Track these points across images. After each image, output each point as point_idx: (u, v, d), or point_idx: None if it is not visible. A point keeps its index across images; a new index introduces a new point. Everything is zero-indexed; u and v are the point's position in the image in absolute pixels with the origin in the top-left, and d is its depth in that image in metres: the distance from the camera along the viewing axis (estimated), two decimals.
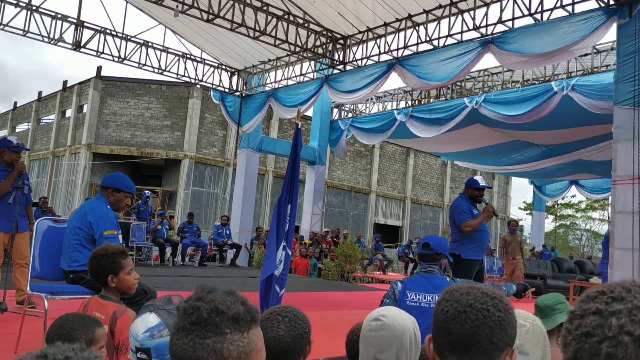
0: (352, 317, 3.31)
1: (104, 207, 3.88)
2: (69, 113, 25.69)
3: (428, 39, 9.79)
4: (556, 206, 43.85)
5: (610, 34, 8.03)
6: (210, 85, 14.61)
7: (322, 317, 6.16)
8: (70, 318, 2.17)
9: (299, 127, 3.85)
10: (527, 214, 42.38)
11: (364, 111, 15.02)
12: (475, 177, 6.25)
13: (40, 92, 29.19)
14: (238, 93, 14.64)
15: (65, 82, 26.65)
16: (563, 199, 28.77)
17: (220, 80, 14.64)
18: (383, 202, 30.48)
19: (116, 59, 12.70)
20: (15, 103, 32.18)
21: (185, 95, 23.42)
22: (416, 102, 13.31)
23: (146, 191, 14.07)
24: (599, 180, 18.23)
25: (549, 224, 43.59)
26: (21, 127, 31.01)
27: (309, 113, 16.13)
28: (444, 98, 12.48)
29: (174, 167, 23.66)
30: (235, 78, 14.80)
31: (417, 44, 9.93)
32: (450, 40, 9.52)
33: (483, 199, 6.20)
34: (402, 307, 3.26)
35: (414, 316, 3.40)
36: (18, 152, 5.23)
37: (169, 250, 13.02)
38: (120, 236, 3.96)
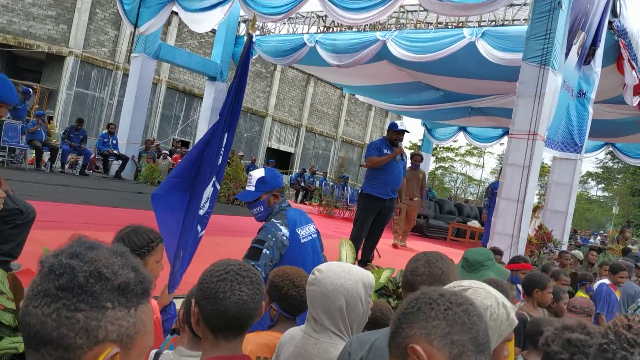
0: (245, 244, 3.10)
1: None
2: None
3: None
4: (438, 149, 46.24)
5: None
6: None
7: (216, 242, 5.94)
8: None
9: (253, 39, 2.94)
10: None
11: (272, 30, 14.37)
12: (396, 121, 6.61)
13: None
14: None
15: None
16: (454, 142, 30.25)
17: None
18: (278, 127, 30.24)
19: None
20: None
21: None
22: (329, 28, 12.91)
23: (27, 88, 12.64)
24: (486, 130, 19.24)
25: (430, 164, 46.13)
26: None
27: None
28: (356, 29, 12.19)
29: (57, 63, 21.55)
30: None
31: None
32: None
33: (399, 143, 6.45)
34: (298, 248, 3.08)
35: (310, 250, 3.23)
36: None
37: (47, 155, 11.94)
38: None
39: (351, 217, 14.08)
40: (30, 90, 12.34)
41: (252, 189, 3.09)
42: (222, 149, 2.82)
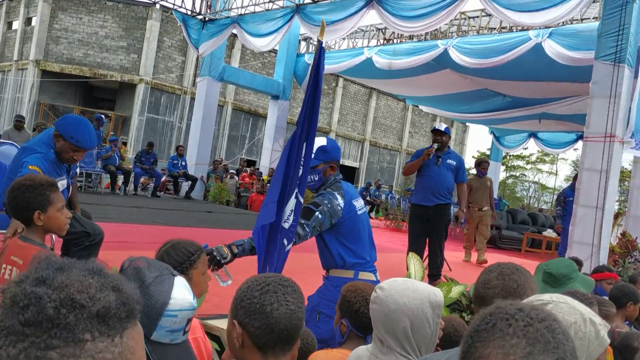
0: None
1: (43, 147, 3.18)
2: (15, 25, 23.91)
3: None
4: (508, 157, 44.83)
5: None
6: (172, 5, 13.68)
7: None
8: None
9: (323, 45, 2.81)
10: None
11: (332, 46, 14.45)
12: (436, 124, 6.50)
13: None
14: (201, 16, 13.77)
15: None
16: (525, 149, 29.13)
17: (182, 0, 13.70)
18: (342, 142, 30.28)
19: None
20: None
21: (143, 16, 22.10)
22: (389, 40, 12.84)
23: (101, 115, 13.28)
24: (558, 135, 18.43)
25: (500, 174, 44.73)
26: None
27: None
28: (417, 39, 12.05)
29: (129, 91, 22.58)
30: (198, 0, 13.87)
31: None
32: None
33: (435, 144, 6.29)
34: (355, 219, 2.99)
35: (365, 222, 3.07)
36: None
37: (120, 178, 12.45)
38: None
39: None
40: (103, 117, 12.94)
41: (312, 156, 2.94)
42: (302, 160, 2.72)
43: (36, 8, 22.10)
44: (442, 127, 6.36)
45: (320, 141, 3.06)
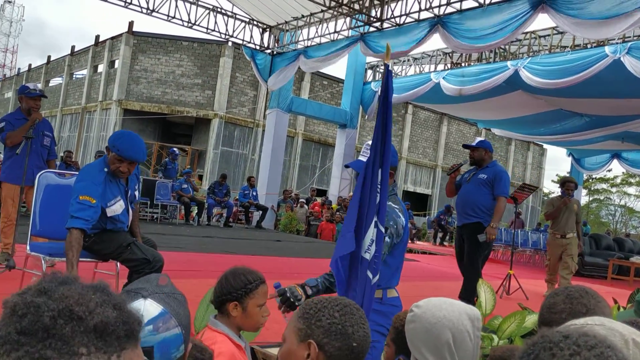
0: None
1: (93, 170, 3.32)
2: (100, 68, 25.60)
3: None
4: (590, 180, 42.67)
5: None
6: (241, 42, 14.18)
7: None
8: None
9: (389, 67, 2.67)
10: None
11: (399, 73, 14.40)
12: None
13: (73, 47, 29.11)
14: (269, 50, 14.16)
15: (97, 37, 26.48)
16: (608, 172, 27.58)
17: (251, 36, 14.17)
18: (413, 170, 29.92)
19: (145, 11, 12.32)
20: (49, 57, 32.22)
21: (216, 54, 23.02)
22: (456, 64, 12.64)
23: (174, 148, 13.86)
24: None
25: (582, 198, 42.50)
26: (55, 82, 31.15)
27: (342, 75, 15.62)
28: (485, 61, 11.79)
29: (204, 126, 23.46)
30: (266, 35, 14.31)
31: (460, 0, 9.26)
32: None
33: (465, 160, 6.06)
34: (406, 241, 2.81)
35: (405, 240, 2.85)
36: (35, 98, 4.94)
37: (194, 209, 12.85)
38: (113, 208, 3.33)
39: (494, 257, 13.27)
40: (176, 150, 13.49)
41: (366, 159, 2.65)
42: (378, 186, 2.54)
43: (119, 51, 23.56)
44: (475, 142, 6.01)
45: None
